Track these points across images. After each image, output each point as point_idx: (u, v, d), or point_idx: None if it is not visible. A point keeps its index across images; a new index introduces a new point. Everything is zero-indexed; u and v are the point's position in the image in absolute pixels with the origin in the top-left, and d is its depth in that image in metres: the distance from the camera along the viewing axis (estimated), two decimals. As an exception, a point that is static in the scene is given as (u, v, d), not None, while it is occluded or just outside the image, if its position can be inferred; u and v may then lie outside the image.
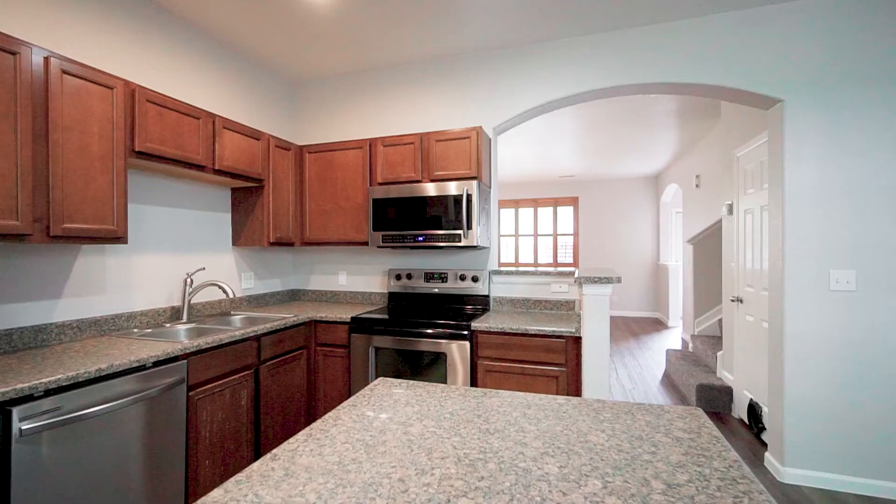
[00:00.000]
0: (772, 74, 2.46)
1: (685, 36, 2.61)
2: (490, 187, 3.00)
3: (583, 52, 2.81)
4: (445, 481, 0.77)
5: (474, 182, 2.62)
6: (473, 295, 2.98)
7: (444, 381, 2.44)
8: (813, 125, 2.40)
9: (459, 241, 2.64)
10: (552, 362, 2.29)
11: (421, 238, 2.74)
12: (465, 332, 2.41)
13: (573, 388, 2.26)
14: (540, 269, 2.92)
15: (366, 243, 2.96)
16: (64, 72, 1.68)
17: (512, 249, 9.15)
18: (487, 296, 2.96)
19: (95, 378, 1.53)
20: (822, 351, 2.39)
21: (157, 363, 1.75)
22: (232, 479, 0.79)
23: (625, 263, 8.32)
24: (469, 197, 2.63)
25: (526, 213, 9.06)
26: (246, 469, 0.82)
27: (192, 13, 2.52)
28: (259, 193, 2.87)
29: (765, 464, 2.63)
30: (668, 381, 4.30)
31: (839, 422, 2.36)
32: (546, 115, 4.41)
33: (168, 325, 2.37)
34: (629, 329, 7.00)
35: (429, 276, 3.08)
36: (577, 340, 2.27)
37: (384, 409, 1.14)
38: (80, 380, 1.47)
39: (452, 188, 2.66)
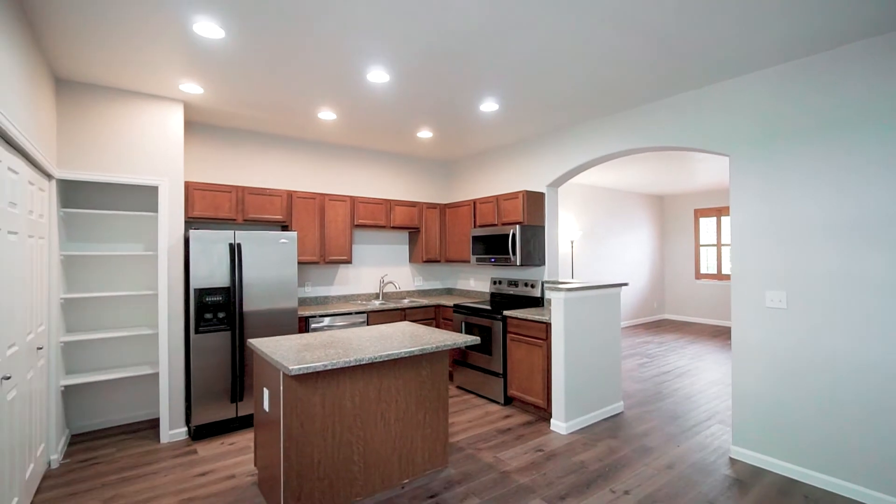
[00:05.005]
0: (720, 136, 3.18)
1: (662, 112, 3.54)
2: (544, 225, 4.50)
3: (602, 128, 4.02)
4: (338, 348, 2.81)
5: (518, 226, 4.26)
6: (532, 296, 4.55)
7: (491, 342, 4.20)
8: (752, 174, 3.02)
9: (508, 262, 4.33)
10: (539, 336, 3.75)
11: (493, 259, 4.55)
12: (499, 317, 4.12)
13: (547, 351, 3.67)
14: (570, 281, 4.25)
15: (468, 261, 4.96)
16: (328, 198, 4.44)
17: (714, 258, 8.74)
18: (540, 297, 4.48)
19: (338, 313, 4.15)
20: (759, 356, 2.97)
21: (357, 313, 4.30)
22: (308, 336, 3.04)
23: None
24: (514, 235, 4.29)
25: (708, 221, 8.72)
26: (306, 336, 3.06)
27: (376, 147, 5.14)
28: (418, 234, 5.29)
29: (732, 445, 3.24)
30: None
31: (771, 413, 2.90)
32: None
33: (371, 301, 5.02)
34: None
35: (510, 283, 4.81)
36: (549, 325, 3.67)
37: (382, 330, 3.20)
38: (331, 312, 4.11)
39: (507, 229, 4.37)
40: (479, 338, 2.86)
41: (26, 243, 2.35)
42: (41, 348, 2.68)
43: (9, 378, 1.94)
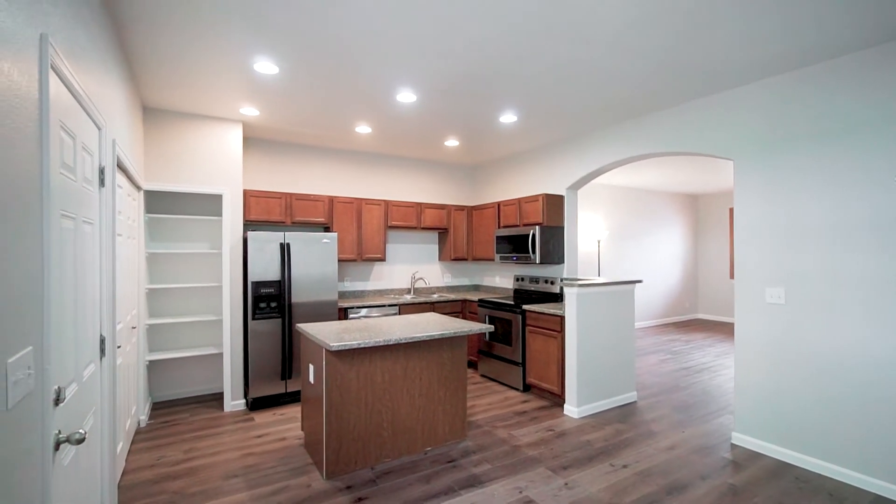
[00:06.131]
0: (725, 142, 3.38)
1: (669, 119, 3.76)
2: (563, 225, 4.79)
3: (613, 136, 4.28)
4: (372, 332, 3.24)
5: (538, 226, 4.58)
6: (552, 293, 4.85)
7: (511, 334, 4.55)
8: (755, 178, 3.21)
9: (529, 260, 4.66)
10: (555, 328, 4.07)
11: (515, 258, 4.89)
12: (519, 311, 4.46)
13: (562, 342, 3.97)
14: (586, 278, 4.52)
15: (493, 259, 5.31)
16: (364, 202, 4.93)
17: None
18: (559, 293, 4.77)
19: (373, 305, 4.64)
20: (760, 348, 3.16)
21: (390, 305, 4.76)
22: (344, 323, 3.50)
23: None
24: (534, 235, 4.61)
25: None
26: (345, 322, 3.52)
27: (417, 157, 5.59)
28: (446, 234, 5.70)
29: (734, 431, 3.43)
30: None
31: (770, 402, 3.09)
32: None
33: (403, 295, 5.48)
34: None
35: (532, 280, 5.13)
36: (563, 318, 3.97)
37: (400, 320, 3.63)
38: (367, 304, 4.59)
39: (528, 230, 4.70)
40: (492, 326, 3.23)
41: (126, 243, 2.96)
42: (134, 328, 3.30)
43: (119, 347, 2.51)
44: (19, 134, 1.00)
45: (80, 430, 1.25)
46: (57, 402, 1.25)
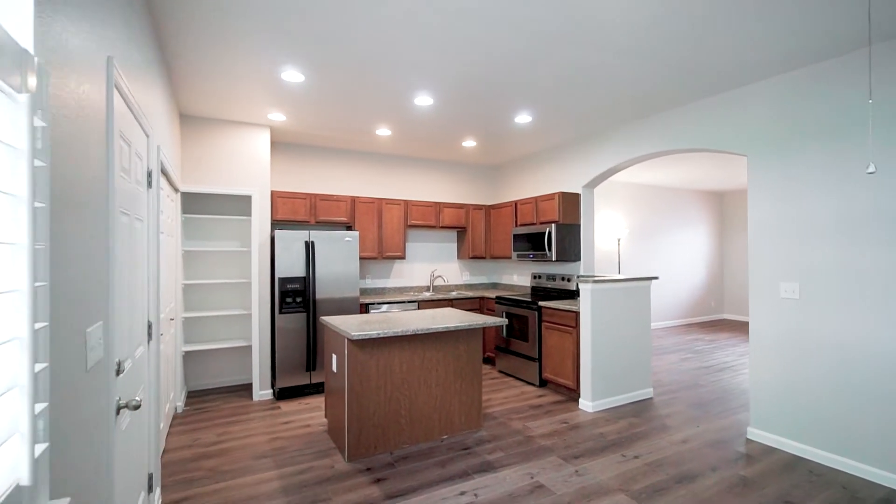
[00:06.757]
0: (739, 138, 3.40)
1: (682, 117, 3.80)
2: (579, 223, 4.85)
3: (628, 134, 4.33)
4: (395, 325, 3.39)
5: (554, 224, 4.67)
6: (568, 290, 4.92)
7: (527, 330, 4.64)
8: (768, 173, 3.23)
9: (545, 258, 4.75)
10: (570, 324, 4.15)
11: (531, 255, 4.98)
12: (535, 307, 4.55)
13: (577, 338, 4.05)
14: (601, 275, 4.58)
15: (510, 257, 5.42)
16: (385, 202, 5.12)
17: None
18: (575, 290, 4.84)
19: (393, 301, 4.81)
20: (774, 343, 3.18)
21: (409, 301, 4.93)
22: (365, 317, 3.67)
23: None
24: (550, 233, 4.69)
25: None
26: (366, 315, 3.68)
27: (433, 157, 5.75)
28: (465, 232, 5.83)
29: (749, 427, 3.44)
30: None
31: (785, 397, 3.11)
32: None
33: (423, 292, 5.64)
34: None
35: (549, 277, 5.21)
36: (578, 314, 4.04)
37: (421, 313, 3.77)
38: (387, 300, 4.77)
39: (544, 228, 4.79)
40: (506, 319, 3.34)
41: (166, 240, 3.20)
42: (172, 319, 3.56)
43: (162, 335, 2.74)
44: (92, 141, 1.19)
45: (137, 398, 1.44)
46: (118, 372, 1.44)
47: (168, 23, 2.41)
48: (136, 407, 1.42)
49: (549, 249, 4.70)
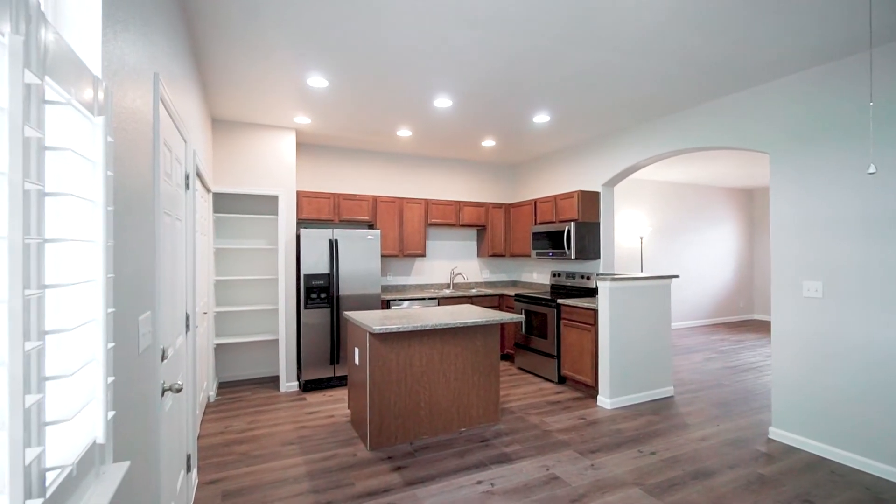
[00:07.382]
0: (761, 135, 3.37)
1: (703, 115, 3.77)
2: (599, 221, 4.86)
3: (647, 132, 4.32)
4: (410, 318, 3.49)
5: (573, 222, 4.69)
6: (588, 287, 4.93)
7: (546, 328, 4.69)
8: (791, 171, 3.18)
9: (564, 255, 4.78)
10: (588, 322, 4.17)
11: (551, 253, 5.02)
12: (554, 305, 4.59)
13: (595, 335, 4.07)
14: (621, 273, 4.57)
15: (529, 255, 5.46)
16: (406, 201, 5.23)
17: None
18: (594, 288, 4.85)
19: (414, 298, 4.93)
20: (797, 343, 3.14)
21: (430, 298, 5.04)
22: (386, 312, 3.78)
23: None
24: (569, 231, 4.72)
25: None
26: (387, 310, 3.79)
27: (456, 157, 5.83)
28: (485, 231, 5.90)
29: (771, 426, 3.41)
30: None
31: (807, 396, 3.07)
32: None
33: (443, 290, 5.74)
34: None
35: (568, 275, 5.23)
36: (596, 312, 4.06)
37: (447, 309, 3.86)
38: (408, 297, 4.89)
39: (563, 226, 4.81)
40: (523, 316, 3.41)
41: (201, 239, 3.40)
42: (205, 313, 3.77)
43: (197, 327, 2.93)
44: (141, 149, 1.33)
45: (179, 382, 1.59)
46: (163, 358, 1.59)
47: (205, 37, 2.57)
48: (179, 390, 1.56)
49: (569, 247, 4.73)
